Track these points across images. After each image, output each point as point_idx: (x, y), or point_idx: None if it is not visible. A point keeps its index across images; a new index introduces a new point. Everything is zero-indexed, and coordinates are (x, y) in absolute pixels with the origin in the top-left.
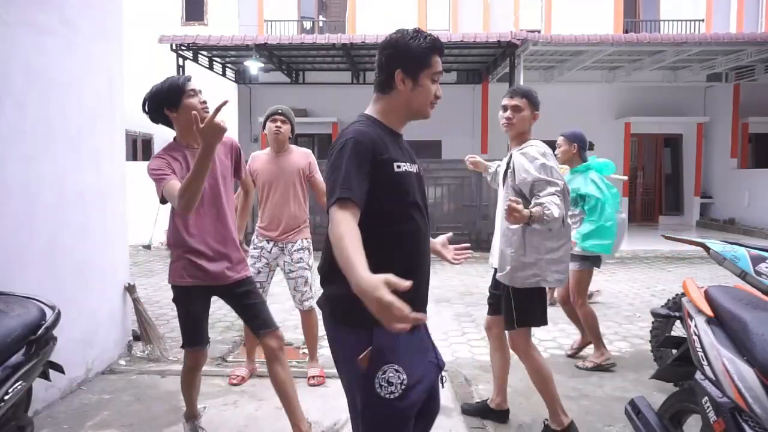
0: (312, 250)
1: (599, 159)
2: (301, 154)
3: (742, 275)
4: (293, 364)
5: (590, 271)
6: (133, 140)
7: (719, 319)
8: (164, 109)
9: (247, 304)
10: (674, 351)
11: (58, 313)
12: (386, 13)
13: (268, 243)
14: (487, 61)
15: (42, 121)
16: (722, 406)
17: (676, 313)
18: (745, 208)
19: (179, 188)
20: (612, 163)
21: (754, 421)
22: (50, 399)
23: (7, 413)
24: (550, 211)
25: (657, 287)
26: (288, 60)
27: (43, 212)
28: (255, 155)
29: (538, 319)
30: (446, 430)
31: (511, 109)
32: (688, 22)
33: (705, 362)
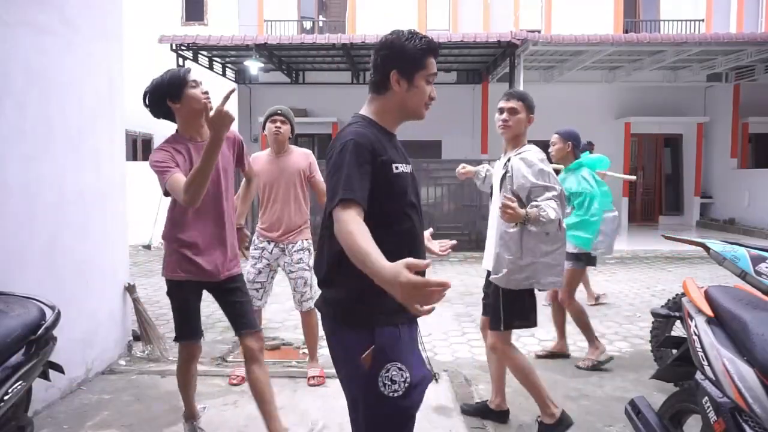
0: (312, 250)
1: (591, 155)
2: (301, 154)
3: (742, 275)
4: (293, 364)
5: (582, 271)
6: (133, 140)
7: (719, 319)
8: (166, 101)
9: (233, 302)
10: (674, 351)
11: (58, 313)
12: (386, 13)
13: (269, 244)
14: (487, 61)
15: (42, 121)
16: (722, 406)
17: (676, 313)
18: (745, 208)
19: (185, 181)
20: (606, 158)
21: (754, 421)
22: (50, 399)
23: (7, 413)
24: (546, 212)
25: (657, 287)
26: (288, 60)
27: (43, 212)
28: (255, 156)
29: (525, 321)
30: (446, 430)
31: (507, 111)
32: (688, 22)
33: (705, 362)
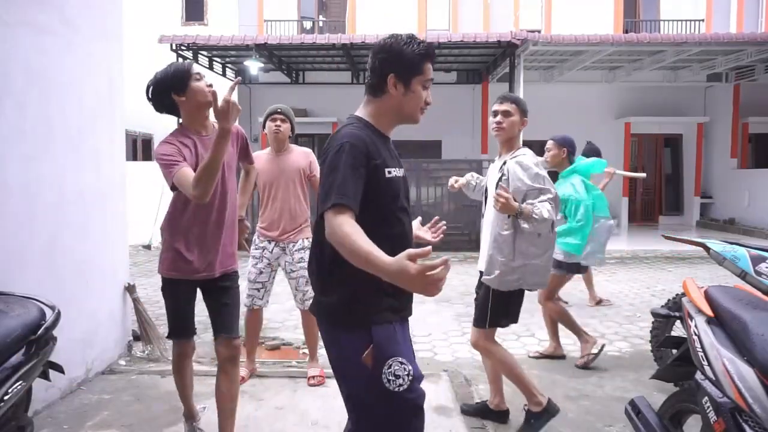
0: None
1: (585, 161)
2: (301, 153)
3: (742, 275)
4: (293, 364)
5: (562, 277)
6: (133, 140)
7: (719, 319)
8: (171, 94)
9: (221, 303)
10: (674, 351)
11: (58, 313)
12: (386, 13)
13: (270, 243)
14: (487, 61)
15: (42, 121)
16: (722, 406)
17: (676, 313)
18: (745, 208)
19: (194, 176)
20: (602, 161)
21: (754, 421)
22: (50, 399)
23: (7, 413)
24: (539, 210)
25: (657, 287)
26: (288, 60)
27: (43, 212)
28: (255, 155)
29: (512, 319)
30: (446, 430)
31: (501, 114)
32: (688, 22)
33: (705, 362)
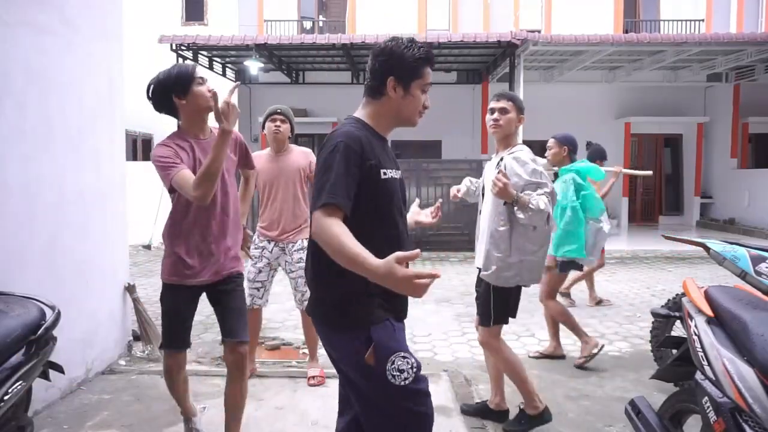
0: None
1: (584, 163)
2: (301, 153)
3: (742, 275)
4: (293, 364)
5: (562, 276)
6: (133, 140)
7: (719, 319)
8: (172, 96)
9: (223, 306)
10: (674, 351)
11: (58, 313)
12: (386, 13)
13: (269, 243)
14: (487, 61)
15: (42, 121)
16: (722, 406)
17: (676, 313)
18: (745, 208)
19: (195, 178)
20: (600, 171)
21: (754, 421)
22: (50, 399)
23: (7, 413)
24: (536, 201)
25: (657, 287)
26: (288, 60)
27: (43, 212)
28: (255, 155)
29: (510, 315)
30: (446, 430)
31: (498, 111)
32: (688, 22)
33: (705, 362)
